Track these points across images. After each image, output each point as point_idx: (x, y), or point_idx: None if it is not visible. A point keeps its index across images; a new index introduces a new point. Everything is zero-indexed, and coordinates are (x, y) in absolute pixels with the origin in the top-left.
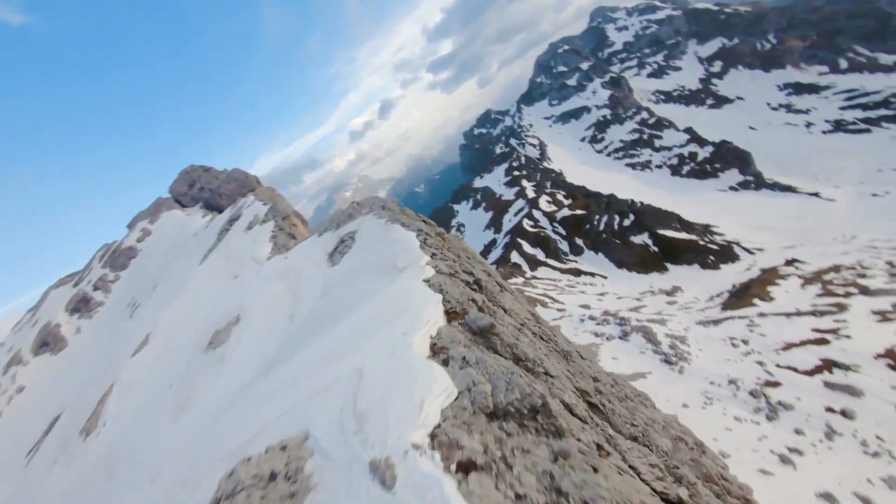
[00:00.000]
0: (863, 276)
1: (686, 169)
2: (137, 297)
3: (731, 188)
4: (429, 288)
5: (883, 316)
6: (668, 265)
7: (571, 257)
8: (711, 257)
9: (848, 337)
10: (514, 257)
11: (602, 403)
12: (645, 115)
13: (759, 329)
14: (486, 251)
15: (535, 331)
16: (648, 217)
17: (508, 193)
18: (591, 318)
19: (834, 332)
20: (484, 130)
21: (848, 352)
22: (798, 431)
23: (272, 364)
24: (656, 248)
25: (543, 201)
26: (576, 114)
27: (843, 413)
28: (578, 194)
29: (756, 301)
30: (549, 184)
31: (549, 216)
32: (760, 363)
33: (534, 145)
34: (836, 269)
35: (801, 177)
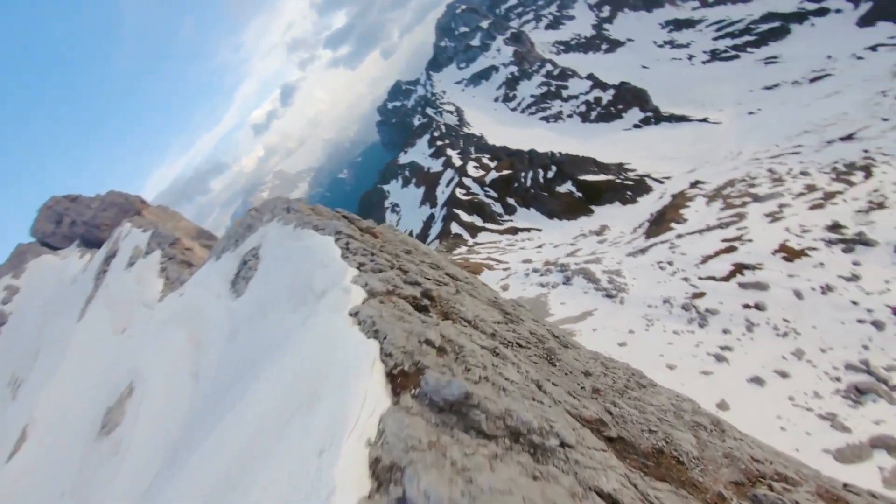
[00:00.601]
0: (752, 185)
1: (594, 114)
2: (18, 371)
3: (635, 126)
4: (358, 330)
5: (773, 217)
6: (593, 207)
7: (507, 217)
8: (629, 193)
9: (750, 241)
10: (455, 228)
11: (616, 423)
12: (549, 67)
13: (679, 249)
14: (426, 228)
15: (508, 337)
16: (568, 166)
17: (436, 165)
18: (535, 270)
19: (738, 238)
20: (398, 103)
21: (752, 253)
22: (725, 331)
23: (178, 448)
24: (580, 194)
25: (471, 167)
26: (485, 74)
27: (757, 306)
28: (502, 155)
29: (672, 225)
30: (472, 149)
31: (479, 181)
32: (686, 279)
33: (451, 112)
34: (731, 183)
35: (690, 106)
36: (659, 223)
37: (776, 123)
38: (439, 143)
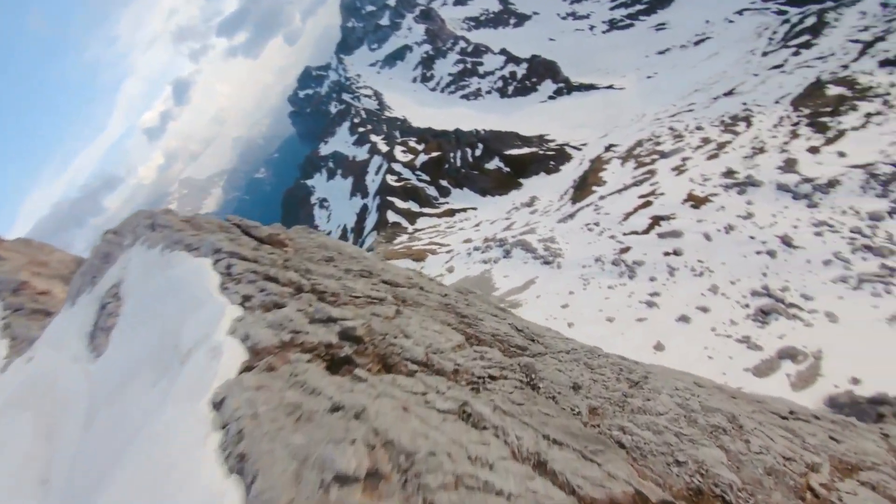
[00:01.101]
0: (658, 143)
1: (511, 89)
2: None
3: (550, 97)
4: (215, 454)
5: (678, 170)
6: (521, 181)
7: (442, 200)
8: (552, 162)
9: (662, 194)
10: (392, 217)
11: (636, 461)
12: (463, 44)
13: (603, 209)
14: (360, 220)
15: (477, 370)
16: (494, 142)
17: (361, 153)
18: (476, 248)
19: (652, 193)
20: (310, 91)
21: (665, 205)
22: (652, 279)
23: None
24: (508, 169)
25: (399, 152)
26: (399, 55)
27: (675, 252)
28: (428, 136)
29: (594, 188)
30: (397, 133)
31: (409, 166)
32: (612, 237)
33: (369, 96)
34: (640, 143)
35: (596, 74)
36: (582, 188)
37: (670, 85)
38: (361, 129)
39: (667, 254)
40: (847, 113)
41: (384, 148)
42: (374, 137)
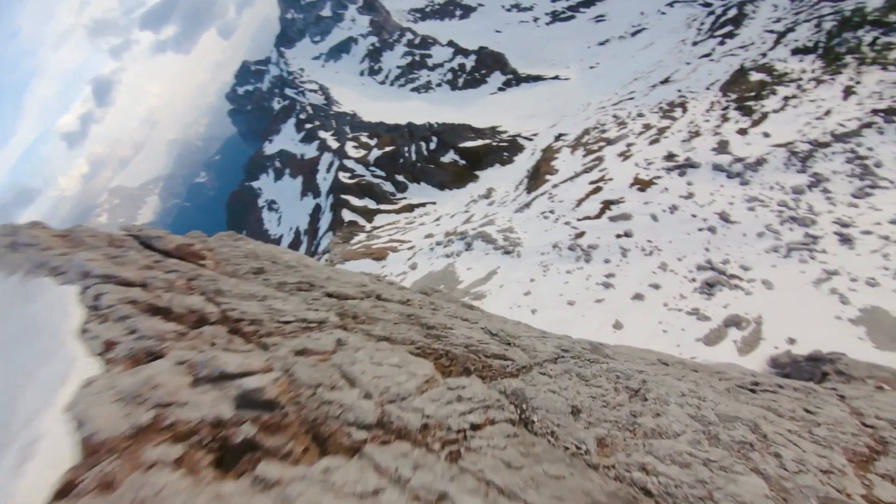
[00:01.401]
0: (604, 131)
1: (461, 81)
2: None
3: (500, 88)
4: None
5: (624, 156)
6: (478, 173)
7: (400, 195)
8: (505, 154)
9: (611, 179)
10: (347, 216)
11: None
12: (410, 36)
13: (557, 197)
14: (314, 220)
15: (454, 420)
16: (448, 135)
17: (310, 150)
18: (438, 243)
19: (602, 179)
20: (250, 87)
21: (614, 190)
22: (606, 261)
23: None
24: (464, 161)
25: (350, 148)
26: (344, 47)
27: (626, 234)
28: (381, 131)
29: (547, 177)
30: (347, 128)
31: (363, 161)
32: (567, 223)
33: (314, 91)
34: (587, 132)
35: (542, 65)
36: (535, 178)
37: (612, 74)
38: (308, 125)
39: (618, 236)
40: (768, 97)
41: (334, 144)
42: (322, 134)
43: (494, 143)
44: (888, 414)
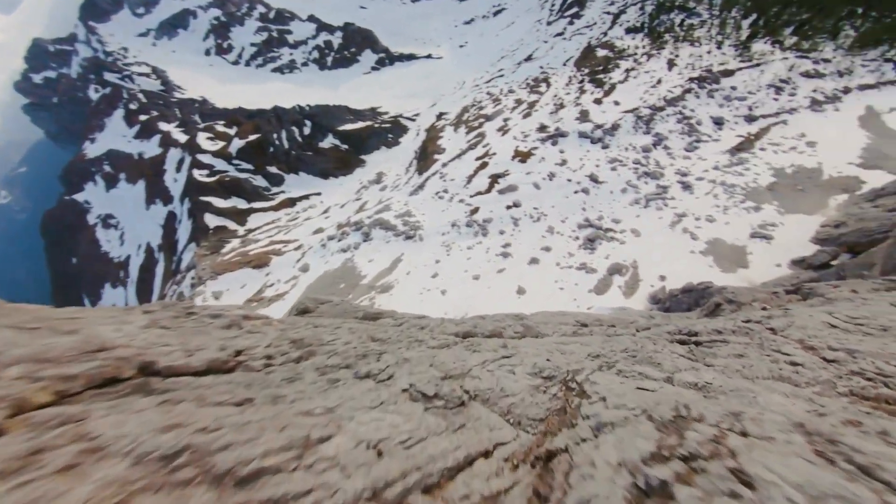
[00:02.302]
0: (481, 108)
1: (330, 60)
2: None
3: (373, 68)
4: None
5: (502, 130)
6: (364, 157)
7: (276, 190)
8: (389, 135)
9: (494, 154)
10: (212, 220)
11: None
12: (262, 9)
13: (448, 176)
14: (169, 233)
15: None
16: (323, 118)
17: (149, 148)
18: (331, 238)
19: (486, 155)
20: (51, 74)
21: (499, 164)
22: (501, 232)
23: None
24: (346, 145)
25: (204, 140)
26: (179, 21)
27: (515, 205)
28: (240, 118)
29: (435, 156)
30: (197, 117)
31: (222, 155)
32: (461, 201)
33: (146, 75)
34: (466, 109)
35: (413, 44)
36: (424, 158)
37: (481, 53)
38: (143, 117)
39: (508, 207)
40: (613, 70)
41: (182, 137)
42: (164, 126)
43: (377, 125)
44: (829, 341)
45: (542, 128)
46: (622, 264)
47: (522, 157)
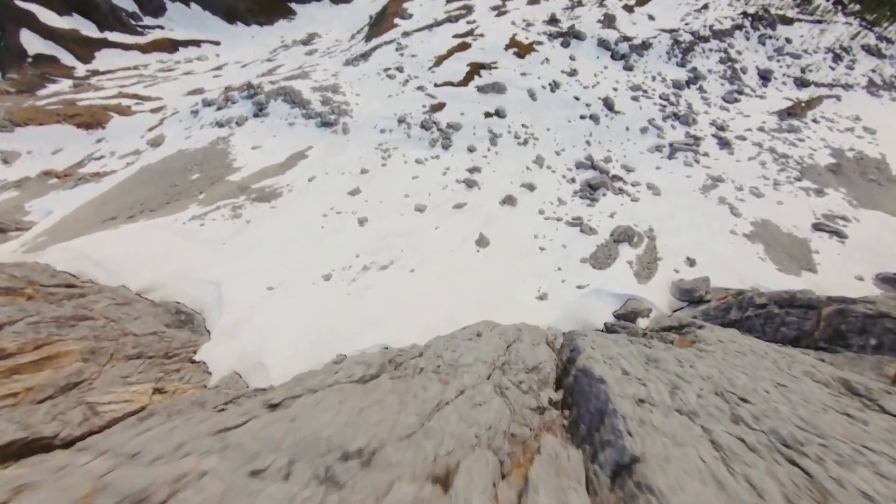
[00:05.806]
0: None
1: None
2: None
3: None
4: None
5: (498, 10)
6: (294, 6)
7: (149, 20)
8: None
9: (482, 35)
10: (34, 43)
11: None
12: None
13: (408, 50)
14: None
15: None
16: None
17: None
18: (209, 103)
19: (470, 33)
20: None
21: (486, 50)
22: (471, 149)
23: None
24: None
25: None
26: None
27: (497, 113)
28: None
29: (397, 21)
30: None
31: None
32: (420, 87)
33: None
34: None
35: None
36: (380, 21)
37: None
38: None
39: (488, 115)
40: None
41: None
42: None
43: None
44: None
45: (553, 20)
46: (634, 230)
47: (520, 49)
